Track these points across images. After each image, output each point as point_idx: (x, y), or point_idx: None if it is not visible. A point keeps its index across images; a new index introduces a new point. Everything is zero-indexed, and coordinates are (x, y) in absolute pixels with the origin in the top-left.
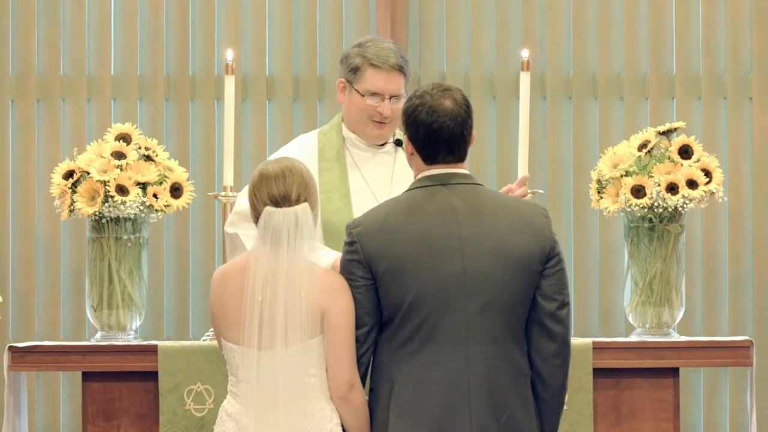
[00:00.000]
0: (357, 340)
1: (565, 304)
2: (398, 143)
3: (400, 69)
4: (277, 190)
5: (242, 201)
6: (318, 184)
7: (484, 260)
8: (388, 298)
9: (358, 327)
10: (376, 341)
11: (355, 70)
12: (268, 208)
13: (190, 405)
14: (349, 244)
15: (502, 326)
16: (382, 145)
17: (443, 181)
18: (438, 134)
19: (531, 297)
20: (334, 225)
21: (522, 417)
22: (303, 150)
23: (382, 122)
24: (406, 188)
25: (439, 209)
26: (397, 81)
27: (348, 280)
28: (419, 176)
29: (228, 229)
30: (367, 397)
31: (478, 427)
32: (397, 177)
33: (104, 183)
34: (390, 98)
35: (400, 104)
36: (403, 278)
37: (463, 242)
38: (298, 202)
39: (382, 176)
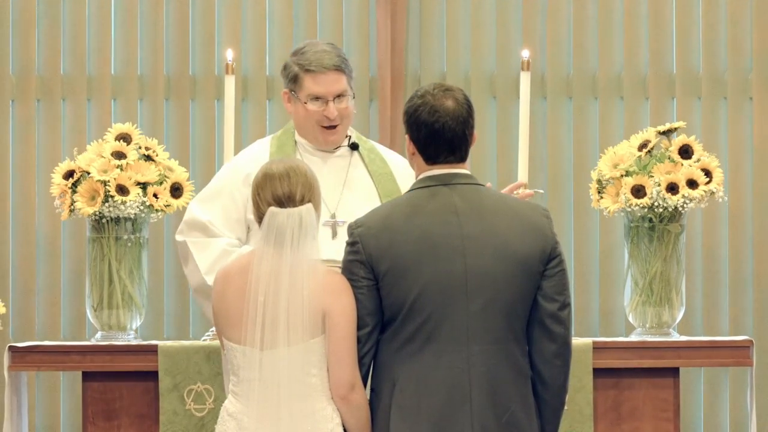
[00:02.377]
0: (359, 341)
1: (566, 305)
2: (353, 147)
3: (337, 68)
4: (282, 191)
5: (195, 210)
6: None
7: (485, 260)
8: (389, 298)
9: (359, 327)
10: (378, 341)
11: (294, 79)
12: (273, 209)
13: (190, 405)
14: (351, 244)
15: (503, 326)
16: (336, 149)
17: (445, 181)
18: (439, 134)
19: (532, 297)
20: None
21: (523, 417)
22: (256, 155)
23: (331, 126)
24: (355, 195)
25: (441, 209)
26: (337, 81)
27: (350, 280)
28: (420, 176)
29: (178, 237)
30: (368, 397)
31: (480, 427)
32: (350, 183)
33: (104, 183)
34: (333, 99)
35: (346, 103)
36: (404, 278)
37: (464, 242)
38: (302, 202)
39: (333, 182)
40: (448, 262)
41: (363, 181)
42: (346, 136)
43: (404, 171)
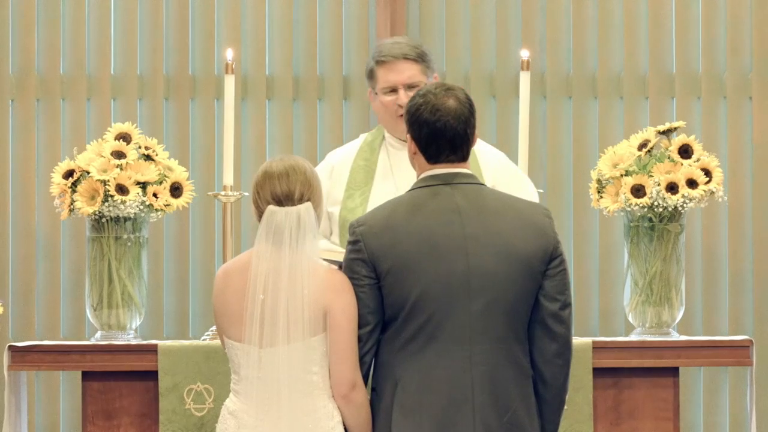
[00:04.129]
0: (360, 339)
1: (567, 305)
2: None
3: (407, 57)
4: (280, 189)
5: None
6: (347, 181)
7: (487, 260)
8: (391, 296)
9: (361, 326)
10: (379, 340)
11: (370, 74)
12: (271, 207)
13: (189, 404)
14: (353, 242)
15: (505, 326)
16: None
17: (446, 180)
18: (441, 133)
19: (534, 297)
20: (349, 222)
21: (524, 416)
22: (346, 149)
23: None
24: None
25: (443, 208)
26: (407, 69)
27: (351, 279)
28: (422, 176)
29: None
30: (368, 396)
31: (482, 426)
32: None
33: (104, 182)
34: (405, 89)
35: None
36: (407, 277)
37: (467, 241)
38: (301, 201)
39: (414, 177)
40: (451, 261)
41: None
42: None
43: (495, 165)
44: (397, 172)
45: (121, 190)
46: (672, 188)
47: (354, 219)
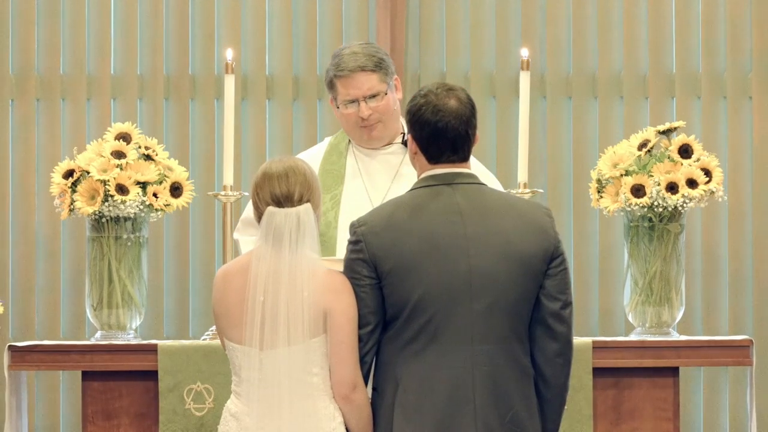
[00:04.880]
0: (360, 340)
1: (568, 304)
2: (406, 144)
3: (364, 68)
4: (280, 190)
5: (249, 208)
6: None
7: (489, 260)
8: (393, 297)
9: (361, 326)
10: (380, 340)
11: (330, 87)
12: (270, 208)
13: (189, 404)
14: (354, 242)
15: (506, 326)
16: (389, 145)
17: (447, 180)
18: (442, 133)
19: (535, 297)
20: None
21: (526, 416)
22: (313, 152)
23: (368, 126)
24: (403, 191)
25: (445, 209)
26: (366, 81)
27: (352, 279)
28: (423, 176)
29: (234, 235)
30: (369, 396)
31: (483, 426)
32: (399, 179)
33: (104, 182)
34: (365, 99)
35: (382, 101)
36: (408, 277)
37: (468, 242)
38: (300, 202)
39: (382, 179)
40: (452, 262)
41: (413, 178)
42: (401, 133)
43: None
44: (366, 174)
45: (121, 190)
46: (672, 188)
47: (326, 222)
